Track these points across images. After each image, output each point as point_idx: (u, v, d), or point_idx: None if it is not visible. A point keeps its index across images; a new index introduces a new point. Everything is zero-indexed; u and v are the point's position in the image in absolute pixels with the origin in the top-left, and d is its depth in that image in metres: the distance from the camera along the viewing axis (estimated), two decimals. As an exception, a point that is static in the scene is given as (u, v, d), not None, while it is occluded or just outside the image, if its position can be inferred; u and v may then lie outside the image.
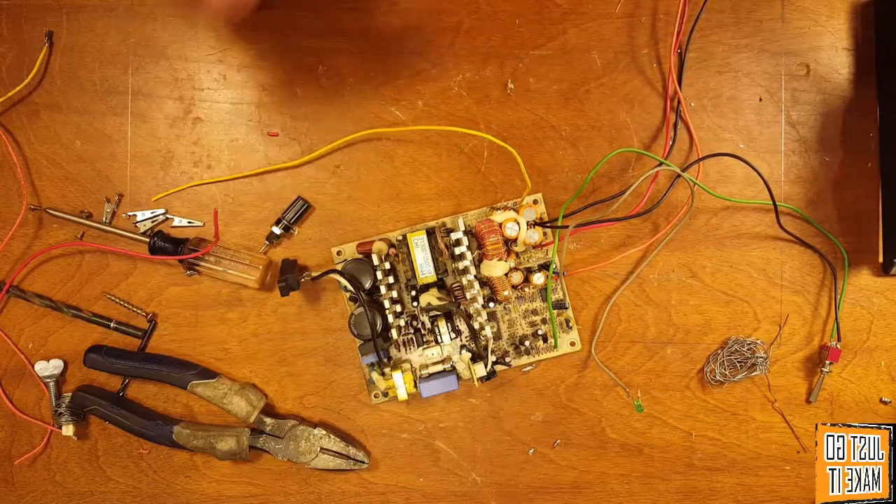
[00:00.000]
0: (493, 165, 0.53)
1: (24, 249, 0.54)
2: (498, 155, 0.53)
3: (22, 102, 0.53)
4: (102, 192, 0.53)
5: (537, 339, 0.53)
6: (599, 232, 0.53)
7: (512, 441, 0.55)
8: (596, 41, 0.52)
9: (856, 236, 0.54)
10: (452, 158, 0.53)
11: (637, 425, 0.55)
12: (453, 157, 0.53)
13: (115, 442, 0.55)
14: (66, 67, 0.53)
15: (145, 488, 0.55)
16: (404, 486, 0.55)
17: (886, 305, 0.54)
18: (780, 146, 0.53)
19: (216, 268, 0.52)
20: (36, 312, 0.54)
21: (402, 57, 0.53)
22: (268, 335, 0.54)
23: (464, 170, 0.53)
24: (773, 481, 0.55)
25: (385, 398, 0.54)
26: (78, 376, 0.55)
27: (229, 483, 0.55)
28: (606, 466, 0.55)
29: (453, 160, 0.53)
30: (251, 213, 0.53)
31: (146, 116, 0.53)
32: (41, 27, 0.52)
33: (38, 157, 0.53)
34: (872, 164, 0.53)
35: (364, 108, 0.53)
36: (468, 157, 0.53)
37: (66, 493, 0.55)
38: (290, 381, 0.54)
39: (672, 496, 0.55)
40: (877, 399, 0.55)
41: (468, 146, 0.53)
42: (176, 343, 0.54)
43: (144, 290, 0.54)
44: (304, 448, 0.53)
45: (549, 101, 0.53)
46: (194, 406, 0.55)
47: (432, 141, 0.53)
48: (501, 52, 0.52)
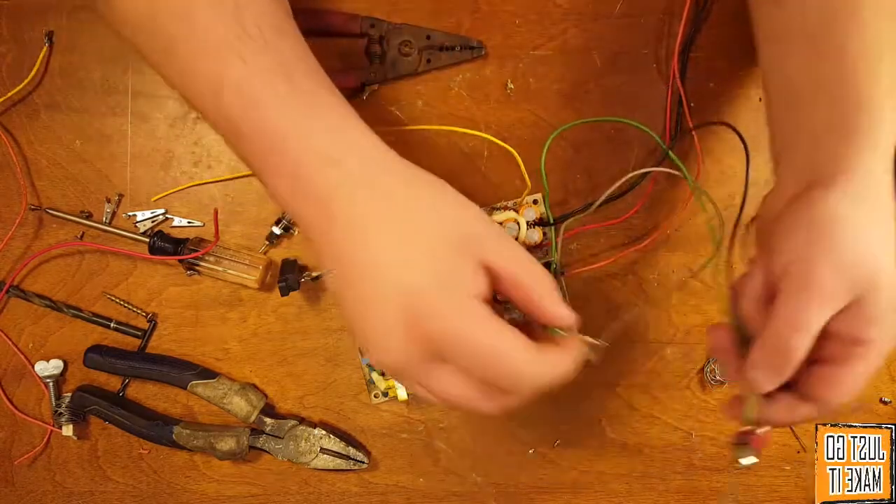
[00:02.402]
0: (492, 165, 0.53)
1: (24, 249, 0.54)
2: (498, 155, 0.52)
3: (22, 102, 0.53)
4: (102, 192, 0.53)
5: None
6: (599, 232, 0.53)
7: (512, 441, 0.55)
8: (596, 41, 0.52)
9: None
10: (452, 158, 0.53)
11: (637, 425, 0.55)
12: (453, 157, 0.53)
13: (115, 442, 0.55)
14: (66, 67, 0.53)
15: (145, 488, 0.55)
16: (404, 486, 0.55)
17: (886, 305, 0.54)
18: (780, 146, 0.53)
19: (216, 268, 0.52)
20: (36, 312, 0.54)
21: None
22: (268, 335, 0.54)
23: (464, 170, 0.53)
24: (773, 481, 0.55)
25: (385, 398, 0.53)
26: (78, 376, 0.55)
27: (229, 483, 0.55)
28: (606, 466, 0.55)
29: (453, 160, 0.53)
30: (251, 213, 0.53)
31: (146, 116, 0.53)
32: (41, 27, 0.52)
33: (37, 157, 0.53)
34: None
35: (363, 108, 0.53)
36: (468, 157, 0.53)
37: (66, 492, 0.55)
38: (290, 381, 0.54)
39: (672, 496, 0.55)
40: (877, 399, 0.55)
41: (468, 146, 0.53)
42: (176, 343, 0.54)
43: (144, 290, 0.54)
44: (304, 448, 0.53)
45: (549, 102, 0.52)
46: (194, 406, 0.55)
47: (432, 141, 0.53)
48: (501, 52, 0.52)
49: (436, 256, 0.31)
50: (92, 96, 0.53)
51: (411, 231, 0.32)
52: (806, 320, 0.33)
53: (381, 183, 0.33)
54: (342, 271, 0.32)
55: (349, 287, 0.32)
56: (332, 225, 0.32)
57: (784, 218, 0.36)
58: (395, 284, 0.31)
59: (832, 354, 0.34)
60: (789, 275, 0.34)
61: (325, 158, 0.32)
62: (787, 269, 0.34)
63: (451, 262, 0.31)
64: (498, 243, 0.33)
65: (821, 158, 0.36)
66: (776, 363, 0.34)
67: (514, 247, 0.34)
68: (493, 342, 0.31)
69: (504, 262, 0.33)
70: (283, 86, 0.33)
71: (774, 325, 0.34)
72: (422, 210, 0.32)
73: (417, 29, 0.51)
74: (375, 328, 0.32)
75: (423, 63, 0.51)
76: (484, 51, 0.52)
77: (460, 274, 0.31)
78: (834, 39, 0.37)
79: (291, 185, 0.33)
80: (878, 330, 0.33)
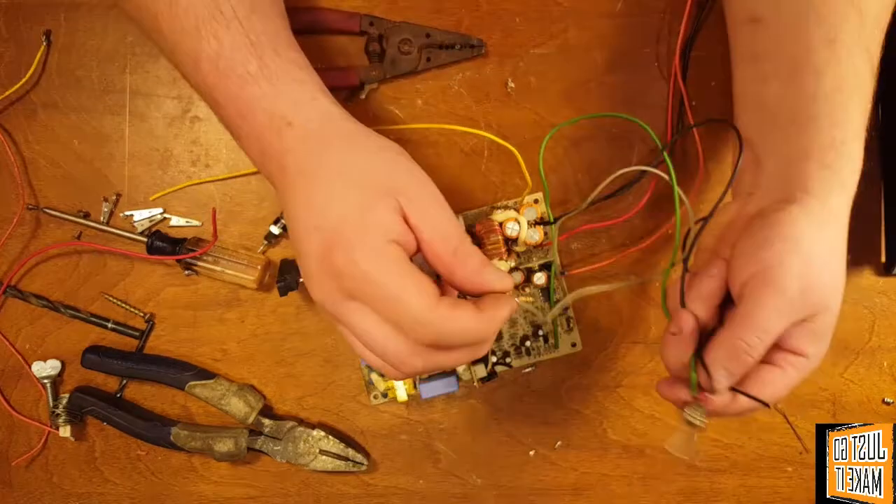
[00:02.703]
0: (493, 165, 0.52)
1: (22, 249, 0.53)
2: (498, 154, 0.52)
3: (19, 101, 0.52)
4: (100, 191, 0.53)
5: (538, 340, 0.53)
6: (600, 232, 0.53)
7: (512, 442, 0.54)
8: (597, 40, 0.52)
9: (858, 237, 0.53)
10: (452, 157, 0.53)
11: (638, 427, 0.54)
12: (453, 157, 0.53)
13: (113, 443, 0.55)
14: (63, 66, 0.52)
15: (143, 490, 0.55)
16: (404, 488, 0.55)
17: (889, 305, 0.54)
18: (781, 145, 0.53)
19: (214, 268, 0.51)
20: (33, 313, 0.54)
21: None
22: (266, 336, 0.54)
23: (464, 169, 0.53)
24: (776, 482, 0.55)
25: (384, 399, 0.53)
26: (75, 377, 0.54)
27: (227, 485, 0.55)
28: (608, 468, 0.55)
29: (453, 159, 0.53)
30: (249, 213, 0.53)
31: (144, 115, 0.53)
32: (39, 26, 0.52)
33: (35, 157, 0.53)
34: (874, 164, 0.53)
35: (363, 106, 0.52)
36: (468, 156, 0.53)
37: (63, 494, 0.55)
38: (288, 381, 0.54)
39: (674, 497, 0.55)
40: (879, 400, 0.55)
41: (468, 145, 0.52)
42: (174, 344, 0.54)
43: (142, 290, 0.53)
44: (303, 449, 0.53)
45: (550, 100, 0.52)
46: (192, 407, 0.54)
47: (432, 140, 0.53)
48: (502, 51, 0.52)
49: (357, 199, 0.34)
50: (90, 95, 0.53)
51: (339, 176, 0.34)
52: (767, 325, 0.36)
53: (320, 138, 0.36)
54: (287, 218, 0.36)
55: (291, 229, 0.36)
56: (284, 176, 0.36)
57: (750, 232, 0.38)
58: (316, 222, 0.34)
59: (771, 359, 0.38)
60: (757, 280, 0.36)
61: (282, 121, 0.36)
62: (755, 276, 0.36)
63: (371, 205, 0.33)
64: (419, 198, 0.35)
65: (790, 181, 0.38)
66: (733, 362, 0.36)
67: (442, 207, 0.35)
68: (397, 284, 0.32)
69: (424, 216, 0.34)
70: (253, 61, 0.37)
71: (737, 327, 0.36)
72: (354, 161, 0.35)
73: (417, 27, 0.51)
74: (303, 264, 0.35)
75: (423, 61, 0.51)
76: (484, 49, 0.51)
77: (377, 217, 0.33)
78: (810, 70, 0.38)
79: (258, 146, 0.37)
80: (816, 347, 0.37)
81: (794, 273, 0.35)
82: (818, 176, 0.38)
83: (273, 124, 0.36)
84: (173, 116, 0.53)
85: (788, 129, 0.39)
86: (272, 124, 0.36)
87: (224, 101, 0.37)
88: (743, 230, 0.39)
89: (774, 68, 0.41)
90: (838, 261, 0.37)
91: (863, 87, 0.39)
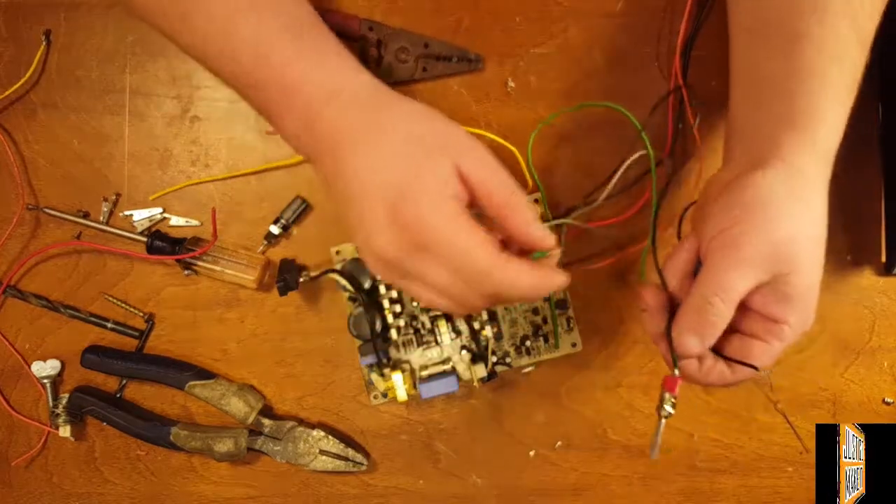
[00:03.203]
0: (493, 164, 0.52)
1: (21, 249, 0.53)
2: (498, 154, 0.52)
3: (19, 101, 0.52)
4: (100, 191, 0.53)
5: (538, 340, 0.53)
6: (600, 231, 0.53)
7: (512, 443, 0.54)
8: (597, 39, 0.52)
9: (858, 236, 0.53)
10: (452, 157, 0.52)
11: (639, 426, 0.54)
12: (453, 156, 0.52)
13: (113, 443, 0.55)
14: (63, 66, 0.52)
15: (143, 490, 0.55)
16: (404, 488, 0.55)
17: (889, 305, 0.54)
18: (782, 145, 0.53)
19: (214, 268, 0.51)
20: (33, 312, 0.54)
21: (402, 55, 0.52)
22: (266, 336, 0.54)
23: (464, 169, 0.52)
24: (776, 482, 0.55)
25: (384, 399, 0.53)
26: (75, 377, 0.54)
27: (227, 485, 0.55)
28: (608, 468, 0.55)
29: (453, 159, 0.52)
30: (249, 213, 0.53)
31: (144, 115, 0.53)
32: (39, 25, 0.52)
33: (35, 156, 0.53)
34: (875, 163, 0.53)
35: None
36: (468, 156, 0.52)
37: (63, 494, 0.55)
38: (288, 381, 0.54)
39: (674, 497, 0.55)
40: (879, 400, 0.55)
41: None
42: (173, 343, 0.54)
43: (142, 290, 0.53)
44: (303, 450, 0.53)
45: (550, 100, 0.52)
46: (192, 407, 0.54)
47: (432, 140, 0.52)
48: (502, 51, 0.52)
49: (420, 157, 0.35)
50: (89, 95, 0.53)
51: (401, 137, 0.36)
52: (727, 283, 0.36)
53: (372, 104, 0.38)
54: (342, 182, 0.37)
55: (346, 193, 0.37)
56: (336, 143, 0.37)
57: (719, 197, 0.38)
58: (382, 179, 0.35)
59: (752, 329, 0.38)
60: (715, 242, 0.37)
61: (331, 92, 0.37)
62: (715, 238, 0.37)
63: (433, 163, 0.35)
64: (474, 155, 0.36)
65: (762, 146, 0.39)
66: (699, 325, 0.37)
67: (493, 162, 0.37)
68: (463, 237, 0.34)
69: (479, 171, 0.36)
70: (293, 42, 0.38)
71: (699, 288, 0.37)
72: (405, 122, 0.37)
73: (416, 36, 0.51)
74: (365, 223, 0.36)
75: (419, 71, 0.51)
76: (482, 64, 0.51)
77: (440, 174, 0.35)
78: (796, 34, 0.39)
79: (304, 119, 0.38)
80: (793, 312, 0.37)
81: (748, 229, 0.36)
82: (786, 138, 0.38)
83: (321, 95, 0.37)
84: (173, 116, 0.53)
85: (764, 95, 0.40)
86: (320, 95, 0.37)
87: (265, 81, 0.38)
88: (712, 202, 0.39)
89: (763, 38, 0.41)
90: (806, 222, 0.37)
91: (846, 56, 0.39)
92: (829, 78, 0.38)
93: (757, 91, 0.41)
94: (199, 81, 0.53)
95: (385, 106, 0.38)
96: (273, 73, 0.38)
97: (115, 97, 0.53)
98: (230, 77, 0.40)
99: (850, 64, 0.39)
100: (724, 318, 0.37)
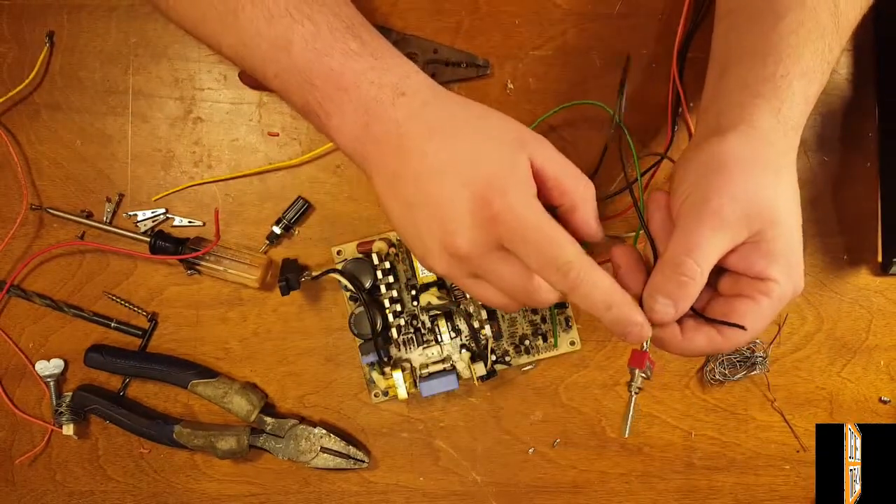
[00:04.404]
0: (492, 165, 0.53)
1: (25, 249, 0.54)
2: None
3: (23, 102, 0.53)
4: (103, 191, 0.53)
5: (537, 339, 0.53)
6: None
7: (512, 440, 0.55)
8: (595, 41, 0.52)
9: (855, 236, 0.54)
10: (452, 158, 0.53)
11: (636, 425, 0.55)
12: (453, 157, 0.53)
13: (116, 441, 0.55)
14: (66, 67, 0.53)
15: (146, 487, 0.55)
16: (404, 486, 0.55)
17: (885, 305, 0.54)
18: (779, 146, 0.53)
19: (217, 267, 0.52)
20: (36, 312, 0.54)
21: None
22: (268, 335, 0.54)
23: (464, 169, 0.53)
24: (773, 480, 0.55)
25: (385, 397, 0.54)
26: (78, 376, 0.55)
27: (230, 482, 0.55)
28: (606, 466, 0.55)
29: (453, 160, 0.53)
30: (251, 213, 0.53)
31: (147, 116, 0.53)
32: (42, 27, 0.52)
33: (38, 157, 0.53)
34: (871, 164, 0.53)
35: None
36: (468, 156, 0.53)
37: (66, 492, 0.55)
38: (290, 380, 0.55)
39: (671, 495, 0.55)
40: (876, 398, 0.55)
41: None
42: (176, 342, 0.54)
43: (145, 289, 0.54)
44: (305, 447, 0.53)
45: (549, 102, 0.53)
46: (195, 405, 0.55)
47: (432, 141, 0.53)
48: (501, 52, 0.52)
49: (502, 152, 0.35)
50: (92, 96, 0.53)
51: (480, 133, 0.36)
52: (698, 242, 0.35)
53: (441, 103, 0.38)
54: (411, 183, 0.36)
55: (416, 193, 0.36)
56: (402, 144, 0.36)
57: (687, 161, 0.39)
58: (466, 176, 0.35)
59: (740, 290, 0.37)
60: (685, 206, 0.37)
61: (395, 91, 0.37)
62: (683, 203, 0.37)
63: (515, 157, 0.35)
64: (545, 149, 0.37)
65: (731, 112, 0.39)
66: (671, 286, 0.36)
67: (562, 156, 0.37)
68: (552, 227, 0.34)
69: (552, 165, 0.36)
70: (353, 39, 0.38)
71: (671, 250, 0.36)
72: (479, 119, 0.37)
73: (426, 42, 0.51)
74: (444, 221, 0.35)
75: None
76: (490, 70, 0.52)
77: (522, 167, 0.35)
78: (776, 14, 0.40)
79: (364, 118, 0.37)
80: (778, 268, 0.36)
81: (716, 187, 0.36)
82: (751, 104, 0.38)
83: (384, 95, 0.37)
84: (175, 117, 0.53)
85: (736, 65, 0.41)
86: (383, 95, 0.37)
87: (321, 80, 0.38)
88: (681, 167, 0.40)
89: (743, 17, 0.42)
90: (774, 180, 0.37)
91: (822, 40, 0.39)
92: (802, 58, 0.39)
93: (731, 63, 0.41)
94: (202, 83, 0.53)
95: (452, 104, 0.38)
96: (333, 68, 0.37)
97: (117, 98, 0.53)
98: (273, 75, 0.39)
99: (826, 48, 0.40)
100: (695, 280, 0.35)
